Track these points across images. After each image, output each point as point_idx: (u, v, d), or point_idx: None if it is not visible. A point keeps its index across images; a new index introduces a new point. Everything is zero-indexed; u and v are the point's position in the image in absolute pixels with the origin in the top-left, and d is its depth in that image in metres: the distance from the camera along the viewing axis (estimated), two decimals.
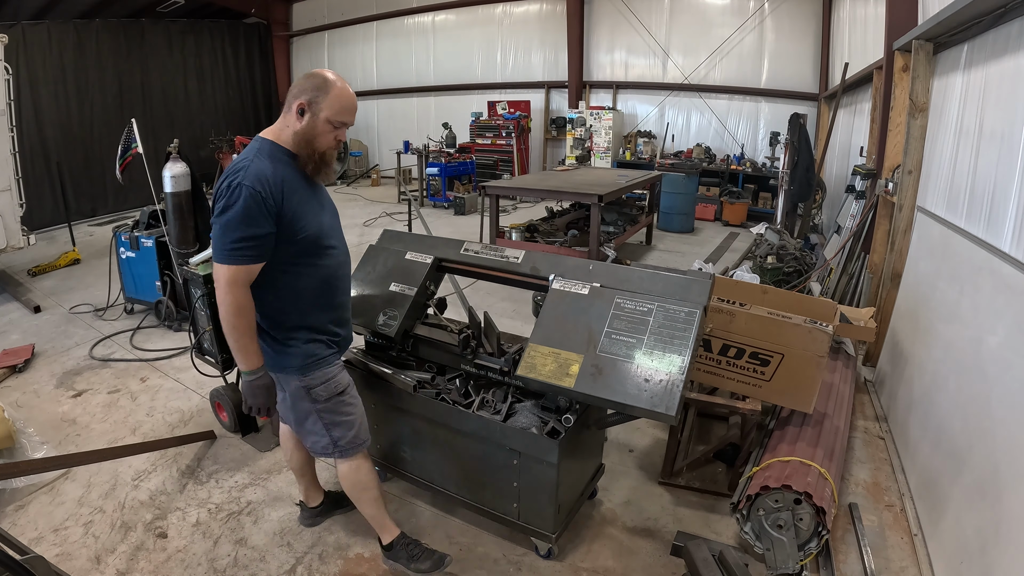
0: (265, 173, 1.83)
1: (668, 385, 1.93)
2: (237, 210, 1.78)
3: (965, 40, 3.11)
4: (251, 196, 1.79)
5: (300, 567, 2.40)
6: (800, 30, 9.71)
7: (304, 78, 1.93)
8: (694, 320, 2.02)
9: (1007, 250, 2.31)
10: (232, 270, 1.83)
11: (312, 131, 1.91)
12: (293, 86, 1.95)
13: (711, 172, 10.16)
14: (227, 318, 1.86)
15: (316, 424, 2.13)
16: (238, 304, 1.86)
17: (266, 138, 1.95)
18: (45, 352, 4.46)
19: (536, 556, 2.45)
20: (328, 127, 1.92)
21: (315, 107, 1.89)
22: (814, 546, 2.31)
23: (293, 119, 1.91)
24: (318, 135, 1.92)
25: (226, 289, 1.84)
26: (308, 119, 1.90)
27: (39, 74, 9.20)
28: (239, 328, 1.88)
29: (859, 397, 3.76)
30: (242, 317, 1.87)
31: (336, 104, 1.90)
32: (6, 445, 2.90)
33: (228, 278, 1.83)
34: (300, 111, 1.90)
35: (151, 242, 4.76)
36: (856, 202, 5.33)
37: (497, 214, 6.67)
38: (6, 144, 5.68)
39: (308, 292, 2.02)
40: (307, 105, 1.89)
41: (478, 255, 2.61)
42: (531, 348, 2.17)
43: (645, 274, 2.21)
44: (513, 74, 12.54)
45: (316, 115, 1.89)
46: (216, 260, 1.85)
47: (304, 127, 1.90)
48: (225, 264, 1.83)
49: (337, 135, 1.96)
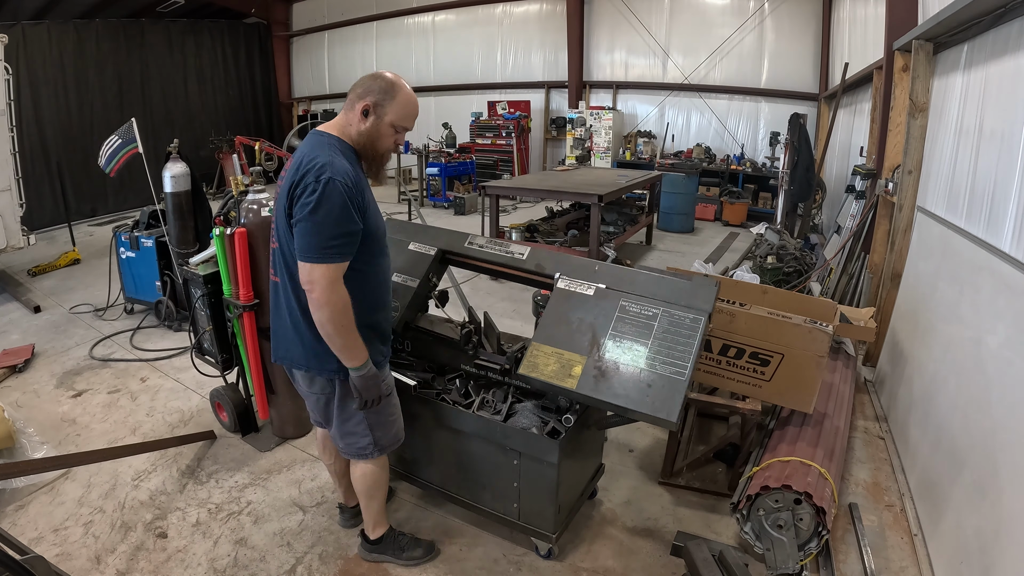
0: (347, 168, 1.82)
1: (670, 391, 1.93)
2: (334, 206, 1.75)
3: (965, 40, 3.11)
4: (345, 191, 1.76)
5: (300, 567, 2.40)
6: (800, 30, 9.71)
7: (370, 79, 1.92)
8: (699, 327, 2.02)
9: (1007, 250, 2.31)
10: (332, 268, 1.78)
11: (375, 133, 1.91)
12: (357, 85, 1.93)
13: (711, 172, 10.16)
14: (334, 319, 1.82)
15: (360, 425, 2.11)
16: (343, 302, 1.82)
17: (332, 133, 1.93)
18: (45, 352, 4.46)
19: (536, 556, 2.45)
20: (391, 131, 1.93)
21: (380, 110, 1.89)
22: (814, 546, 2.31)
23: (356, 118, 1.91)
24: (381, 137, 1.93)
25: (329, 289, 1.79)
26: (372, 121, 1.90)
27: (39, 74, 9.20)
28: (346, 326, 1.85)
29: (859, 397, 3.76)
30: (348, 314, 1.84)
31: (401, 109, 1.92)
32: (6, 445, 2.90)
33: (330, 277, 1.78)
34: (364, 112, 1.89)
35: (151, 242, 4.76)
36: (856, 202, 5.33)
37: (497, 214, 6.67)
38: (6, 144, 5.68)
39: (371, 292, 2.02)
40: (372, 107, 1.89)
41: (483, 249, 2.58)
42: (534, 347, 2.16)
43: (651, 278, 2.20)
44: (513, 74, 12.54)
45: (381, 118, 1.90)
46: (311, 260, 1.77)
47: (368, 128, 1.91)
48: (324, 263, 1.77)
49: (397, 139, 1.97)
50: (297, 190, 1.80)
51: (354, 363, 1.93)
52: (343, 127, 1.94)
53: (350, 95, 1.93)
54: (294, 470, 3.03)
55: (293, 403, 3.22)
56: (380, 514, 2.36)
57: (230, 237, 2.82)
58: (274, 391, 3.17)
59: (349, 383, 2.01)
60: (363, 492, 2.30)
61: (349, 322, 1.85)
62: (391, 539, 2.38)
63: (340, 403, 2.08)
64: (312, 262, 1.77)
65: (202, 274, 3.14)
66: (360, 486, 2.29)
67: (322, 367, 2.00)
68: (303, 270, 1.80)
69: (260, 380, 3.10)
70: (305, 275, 1.80)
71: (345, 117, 1.94)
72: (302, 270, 1.80)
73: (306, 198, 1.76)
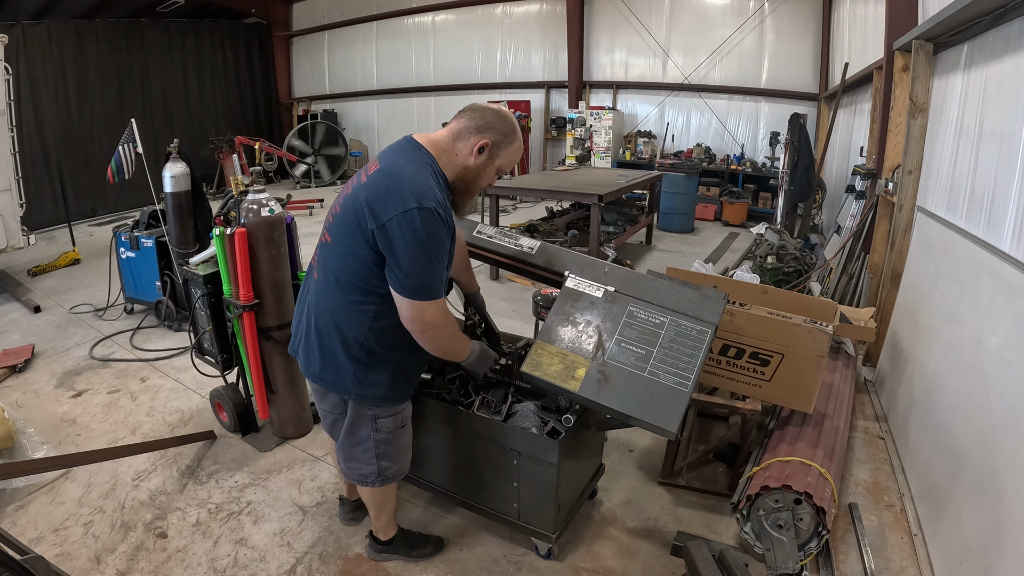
0: (440, 196, 1.69)
1: (672, 401, 1.92)
2: (442, 240, 1.67)
3: (965, 40, 3.11)
4: (445, 223, 1.67)
5: (300, 567, 2.40)
6: (800, 30, 9.71)
7: (495, 116, 1.80)
8: (705, 339, 2.01)
9: (1007, 250, 2.31)
10: (442, 304, 1.75)
11: (482, 172, 1.84)
12: (476, 115, 1.79)
13: (711, 172, 10.16)
14: (450, 349, 1.87)
15: (367, 453, 2.06)
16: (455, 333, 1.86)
17: (431, 152, 1.79)
18: (45, 352, 4.46)
19: (536, 556, 2.45)
20: (494, 173, 1.86)
21: (496, 151, 1.81)
22: (814, 546, 2.31)
23: (466, 152, 1.79)
24: (485, 177, 1.86)
25: (442, 328, 1.77)
26: (485, 160, 1.81)
27: (39, 74, 9.20)
28: (458, 342, 1.90)
29: (859, 397, 3.76)
30: (456, 334, 1.88)
31: (514, 156, 1.86)
32: (6, 445, 2.90)
33: (441, 315, 1.77)
34: (480, 149, 1.78)
35: (151, 242, 4.75)
36: (856, 202, 5.33)
37: (497, 214, 6.67)
38: (6, 144, 5.68)
39: None
40: (490, 146, 1.79)
41: (491, 239, 2.52)
42: (538, 345, 2.15)
43: (661, 284, 2.17)
44: (513, 74, 12.53)
45: (493, 159, 1.82)
46: (420, 298, 1.69)
47: (478, 166, 1.81)
48: (433, 300, 1.71)
49: (492, 180, 1.92)
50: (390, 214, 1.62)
51: (463, 357, 1.99)
52: (444, 151, 1.80)
53: (465, 122, 1.80)
54: (294, 470, 3.03)
55: (293, 403, 3.22)
56: (390, 521, 2.36)
57: (230, 237, 2.82)
58: (274, 391, 3.17)
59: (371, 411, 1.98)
60: (372, 506, 2.31)
61: (456, 338, 1.90)
62: (401, 539, 2.38)
63: (350, 426, 2.03)
64: (421, 299, 1.69)
65: (202, 274, 3.14)
66: (368, 503, 2.30)
67: (334, 383, 1.92)
68: (408, 308, 1.71)
69: (260, 380, 3.10)
70: (415, 314, 1.72)
71: (452, 143, 1.80)
72: (406, 308, 1.71)
73: (408, 228, 1.62)
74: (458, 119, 1.82)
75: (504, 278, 6.29)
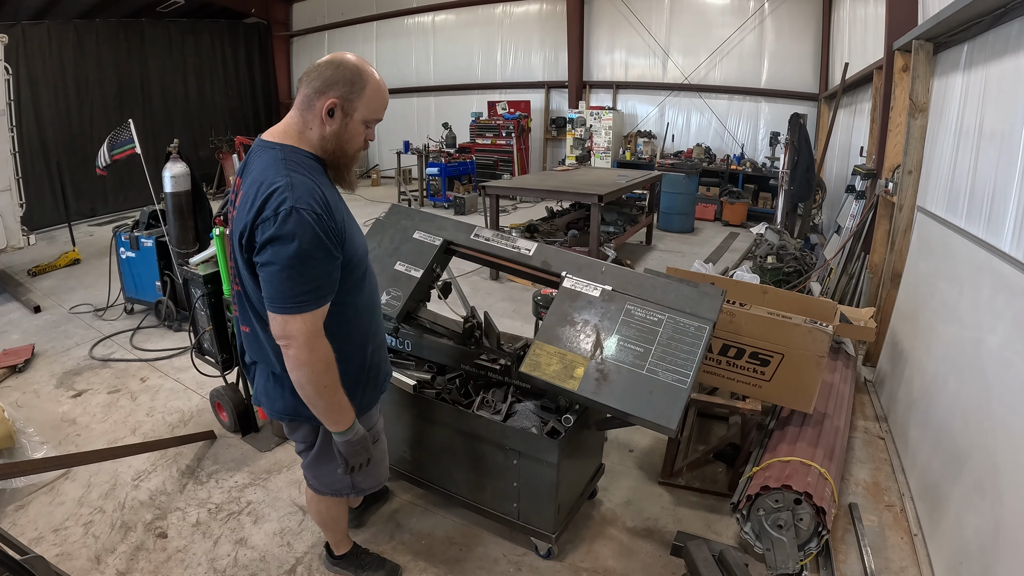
0: (311, 188, 1.49)
1: (671, 398, 1.92)
2: (303, 243, 1.43)
3: (965, 40, 3.11)
4: (315, 220, 1.45)
5: (300, 567, 2.39)
6: (800, 30, 9.71)
7: (330, 68, 1.54)
8: (703, 336, 2.01)
9: (1007, 250, 2.31)
10: (310, 319, 1.48)
11: (345, 135, 1.59)
12: (313, 77, 1.55)
13: (711, 172, 10.16)
14: (315, 380, 1.53)
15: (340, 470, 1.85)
16: (326, 358, 1.53)
17: (286, 143, 1.59)
18: (45, 352, 4.46)
19: (536, 556, 2.45)
20: (362, 128, 1.62)
21: (350, 106, 1.55)
22: (814, 546, 2.31)
23: (318, 120, 1.56)
24: (352, 138, 1.61)
25: (308, 346, 1.49)
26: (340, 121, 1.57)
27: (39, 74, 9.20)
28: (330, 386, 1.56)
29: (859, 397, 3.76)
30: (331, 371, 1.56)
31: (374, 101, 1.59)
32: (6, 445, 2.90)
33: (308, 331, 1.48)
34: (330, 111, 1.55)
35: (151, 242, 4.76)
36: (856, 202, 5.33)
37: (497, 214, 6.67)
38: (6, 144, 5.68)
39: (361, 325, 1.76)
40: (339, 105, 1.54)
41: (488, 242, 2.55)
42: (537, 346, 2.15)
43: (658, 282, 2.18)
44: (513, 74, 12.54)
45: (350, 115, 1.57)
46: (282, 311, 1.47)
47: (336, 130, 1.58)
48: (299, 314, 1.47)
49: (368, 135, 1.65)
50: (257, 230, 1.46)
51: (339, 427, 1.66)
52: (299, 132, 1.59)
53: (304, 90, 1.56)
54: (294, 470, 3.03)
55: None
56: (342, 537, 2.28)
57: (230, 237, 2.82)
58: None
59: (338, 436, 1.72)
60: (320, 523, 2.22)
61: (333, 381, 1.57)
62: (354, 556, 2.31)
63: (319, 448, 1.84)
64: (285, 313, 1.47)
65: (202, 274, 3.15)
66: (316, 517, 2.19)
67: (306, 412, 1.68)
68: (275, 323, 1.50)
69: None
70: (278, 329, 1.50)
71: (301, 118, 1.59)
72: (274, 323, 1.50)
73: (268, 236, 1.44)
74: (299, 91, 1.59)
75: (504, 278, 6.29)
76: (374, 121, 1.65)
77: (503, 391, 2.48)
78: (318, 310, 1.52)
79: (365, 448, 1.74)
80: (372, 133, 1.67)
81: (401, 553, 2.48)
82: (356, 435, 1.70)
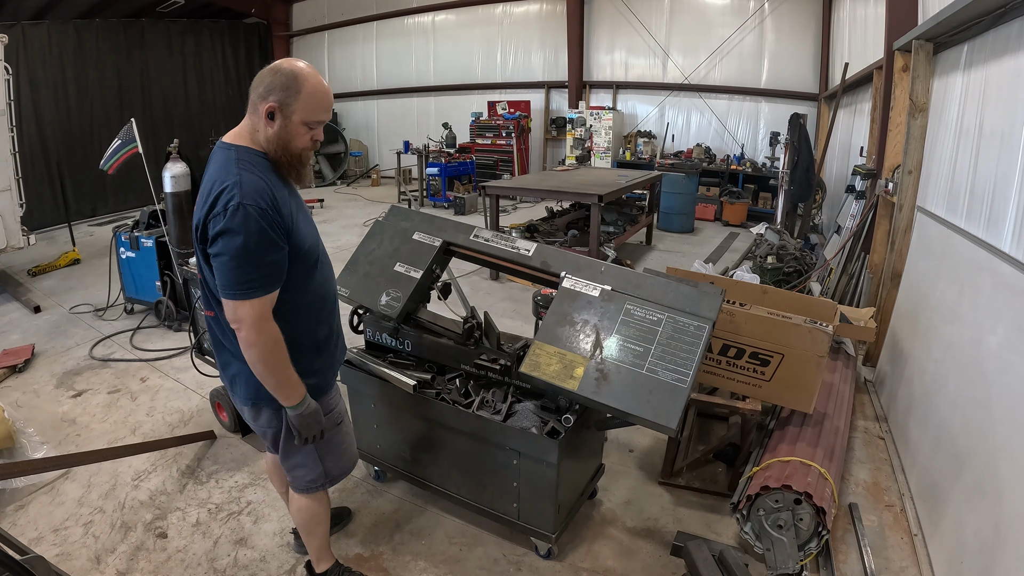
0: (258, 185, 1.63)
1: (671, 398, 1.92)
2: (250, 235, 1.58)
3: (965, 40, 3.11)
4: (259, 215, 1.59)
5: (300, 567, 2.39)
6: (800, 30, 9.71)
7: (269, 75, 1.67)
8: (702, 335, 2.01)
9: (1007, 250, 2.31)
10: (258, 304, 1.63)
11: (286, 135, 1.70)
12: (257, 83, 1.68)
13: (711, 172, 10.16)
14: (264, 358, 1.68)
15: (309, 456, 1.98)
16: (274, 339, 1.68)
17: (240, 144, 1.72)
18: (45, 352, 4.46)
19: (536, 556, 2.45)
20: (303, 129, 1.72)
21: (287, 110, 1.67)
22: (814, 546, 2.31)
23: (263, 122, 1.69)
24: (293, 138, 1.72)
25: (256, 328, 1.64)
26: (280, 123, 1.68)
27: (39, 74, 9.20)
28: (278, 363, 1.71)
29: (859, 397, 3.76)
30: (279, 350, 1.70)
31: (310, 104, 1.69)
32: (6, 445, 2.90)
33: (256, 315, 1.63)
34: (270, 114, 1.67)
35: (151, 242, 4.76)
36: (856, 202, 5.33)
37: (497, 214, 6.67)
38: (6, 144, 5.68)
39: (308, 312, 1.87)
40: (277, 108, 1.67)
41: (488, 243, 2.56)
42: (536, 346, 2.15)
43: (657, 282, 2.18)
44: (513, 74, 12.54)
45: (288, 118, 1.68)
46: (232, 297, 1.62)
47: (276, 132, 1.69)
48: (247, 300, 1.62)
49: (314, 135, 1.76)
50: (209, 224, 1.61)
51: (290, 402, 1.79)
52: (251, 133, 1.73)
53: (252, 94, 1.70)
54: None
55: None
56: (323, 548, 2.23)
57: None
58: None
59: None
60: (302, 527, 2.17)
61: (281, 359, 1.71)
62: (335, 574, 2.25)
63: (288, 434, 1.93)
64: (235, 299, 1.62)
65: None
66: (298, 520, 2.16)
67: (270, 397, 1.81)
68: (227, 308, 1.66)
69: None
70: (230, 313, 1.65)
71: (251, 122, 1.72)
72: (226, 308, 1.66)
73: (218, 229, 1.59)
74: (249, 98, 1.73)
75: (504, 279, 6.29)
76: (316, 122, 1.75)
77: (503, 391, 2.48)
78: (266, 296, 1.66)
79: (317, 421, 1.87)
80: (318, 133, 1.78)
81: (401, 553, 2.48)
82: (308, 408, 1.83)
